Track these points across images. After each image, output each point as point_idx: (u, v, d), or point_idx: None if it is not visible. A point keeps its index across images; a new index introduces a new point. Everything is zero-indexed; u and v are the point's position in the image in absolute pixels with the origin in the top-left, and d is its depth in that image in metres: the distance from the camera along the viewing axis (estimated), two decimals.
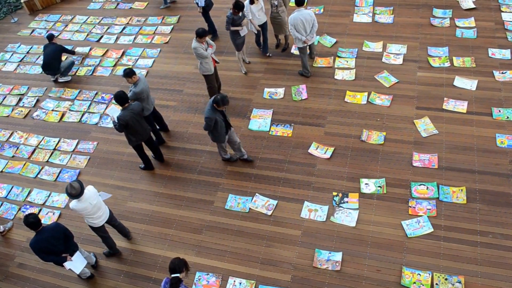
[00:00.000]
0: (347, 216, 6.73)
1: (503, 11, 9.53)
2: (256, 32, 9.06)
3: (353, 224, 6.63)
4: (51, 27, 11.87)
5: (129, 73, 7.15)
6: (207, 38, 7.87)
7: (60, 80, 10.02)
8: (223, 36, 10.27)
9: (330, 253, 6.36)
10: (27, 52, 11.19)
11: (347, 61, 9.05)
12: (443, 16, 9.69)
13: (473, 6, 9.77)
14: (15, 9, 12.98)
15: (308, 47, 8.60)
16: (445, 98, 8.03)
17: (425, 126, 7.67)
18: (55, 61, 9.68)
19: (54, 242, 5.76)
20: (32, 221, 5.61)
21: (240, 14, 8.36)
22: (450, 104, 7.93)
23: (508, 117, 7.58)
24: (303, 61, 8.70)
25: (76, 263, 6.01)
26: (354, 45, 9.36)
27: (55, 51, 9.62)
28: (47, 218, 7.52)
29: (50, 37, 9.75)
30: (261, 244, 6.65)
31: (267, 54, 9.51)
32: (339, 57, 9.17)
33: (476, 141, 7.34)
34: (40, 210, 7.68)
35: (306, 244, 6.53)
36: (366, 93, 8.35)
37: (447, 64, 8.63)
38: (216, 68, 8.34)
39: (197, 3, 9.57)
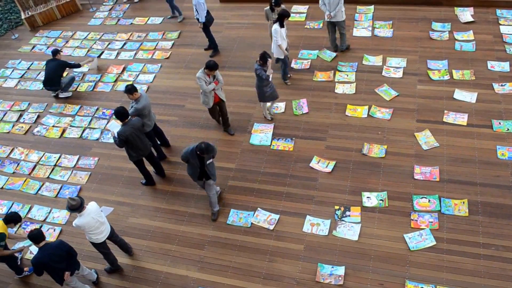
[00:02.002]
0: (349, 230, 6.70)
1: (501, 24, 9.64)
2: (282, 57, 8.63)
3: (355, 237, 6.60)
4: (51, 43, 11.95)
5: (130, 89, 7.17)
6: (217, 72, 7.50)
7: (61, 95, 10.05)
8: (224, 51, 10.38)
9: (332, 267, 6.32)
10: (28, 68, 11.25)
11: (347, 75, 9.10)
12: (442, 29, 9.78)
13: (471, 19, 9.88)
14: (16, 26, 13.10)
15: (336, 28, 9.17)
16: (445, 111, 8.07)
17: (426, 139, 7.68)
18: (56, 77, 9.71)
19: (56, 259, 5.73)
20: (35, 233, 5.64)
21: (267, 64, 7.69)
22: (451, 117, 7.96)
23: (508, 129, 7.60)
24: (330, 38, 9.45)
25: None
26: (354, 59, 9.43)
27: (57, 67, 9.66)
28: (48, 235, 7.45)
29: (55, 52, 9.76)
30: (263, 259, 6.61)
31: (288, 76, 9.20)
32: (339, 71, 9.23)
33: (477, 154, 7.35)
34: (41, 227, 7.62)
35: (309, 259, 6.49)
36: (366, 107, 8.39)
37: (446, 77, 8.69)
38: (223, 104, 8.01)
39: (198, 19, 9.66)
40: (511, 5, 9.98)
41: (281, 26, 8.23)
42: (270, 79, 7.81)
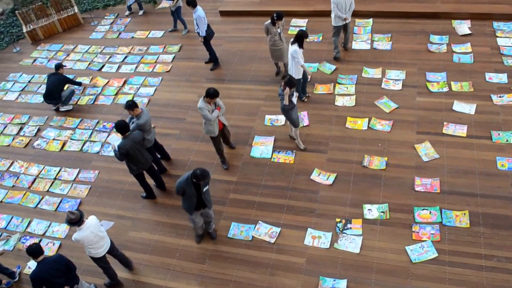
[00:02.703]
0: (351, 242, 6.68)
1: (498, 36, 9.73)
2: (301, 78, 8.42)
3: (357, 250, 6.57)
4: (53, 56, 12.02)
5: (131, 105, 7.15)
6: (217, 99, 7.23)
7: (62, 109, 10.08)
8: (224, 64, 10.45)
9: (334, 280, 6.28)
10: (29, 82, 11.28)
11: (347, 88, 9.15)
12: (440, 42, 9.87)
13: (468, 32, 9.97)
14: (18, 39, 13.18)
15: (344, 30, 9.57)
16: (444, 123, 8.10)
17: (426, 151, 7.70)
18: (56, 91, 9.74)
19: (55, 274, 5.68)
20: (34, 247, 5.61)
21: (285, 92, 7.28)
22: (450, 128, 7.99)
23: (507, 140, 7.63)
24: (335, 42, 9.69)
25: None
26: (354, 72, 9.49)
27: (57, 82, 9.69)
28: (47, 249, 7.41)
29: (57, 66, 9.78)
30: (265, 272, 6.57)
31: (304, 98, 9.01)
32: (339, 83, 9.27)
33: (477, 165, 7.37)
34: (40, 241, 7.57)
35: (310, 272, 6.45)
36: (366, 119, 8.41)
37: (445, 89, 8.74)
38: (226, 127, 7.84)
39: (198, 33, 9.74)
40: (507, 18, 10.10)
41: (301, 46, 8.06)
42: (294, 103, 7.52)
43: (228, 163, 8.14)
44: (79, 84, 10.20)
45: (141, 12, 13.05)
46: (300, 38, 8.01)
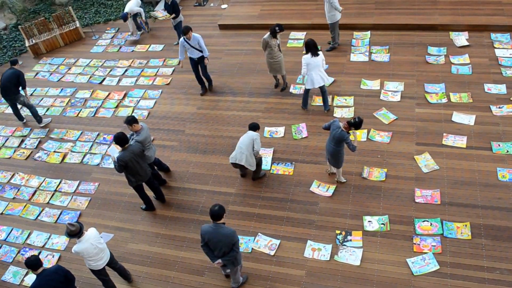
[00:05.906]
0: (351, 254, 6.63)
1: (496, 47, 9.78)
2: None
3: (357, 263, 6.52)
4: (54, 70, 12.12)
5: (130, 120, 7.15)
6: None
7: (41, 125, 10.13)
8: (223, 77, 10.51)
9: None
10: (30, 95, 11.32)
11: (346, 99, 9.18)
12: (438, 53, 9.92)
13: (466, 43, 10.03)
14: (20, 53, 13.30)
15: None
16: (444, 134, 8.10)
17: (425, 162, 7.69)
18: (10, 85, 9.56)
19: (54, 285, 5.64)
20: (33, 259, 5.57)
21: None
22: (450, 139, 7.99)
23: (508, 151, 7.61)
24: (335, 34, 10.27)
25: None
26: (352, 84, 9.53)
27: (11, 76, 9.55)
28: (47, 261, 7.39)
29: (13, 61, 9.79)
30: (264, 285, 6.51)
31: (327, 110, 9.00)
32: (337, 95, 9.30)
33: (477, 176, 7.34)
34: (39, 253, 7.56)
35: (310, 285, 6.39)
36: (365, 130, 8.41)
37: (444, 100, 8.76)
38: None
39: (202, 57, 9.58)
40: (505, 29, 10.17)
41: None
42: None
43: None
44: (24, 86, 9.80)
45: (141, 33, 13.00)
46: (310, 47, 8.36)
